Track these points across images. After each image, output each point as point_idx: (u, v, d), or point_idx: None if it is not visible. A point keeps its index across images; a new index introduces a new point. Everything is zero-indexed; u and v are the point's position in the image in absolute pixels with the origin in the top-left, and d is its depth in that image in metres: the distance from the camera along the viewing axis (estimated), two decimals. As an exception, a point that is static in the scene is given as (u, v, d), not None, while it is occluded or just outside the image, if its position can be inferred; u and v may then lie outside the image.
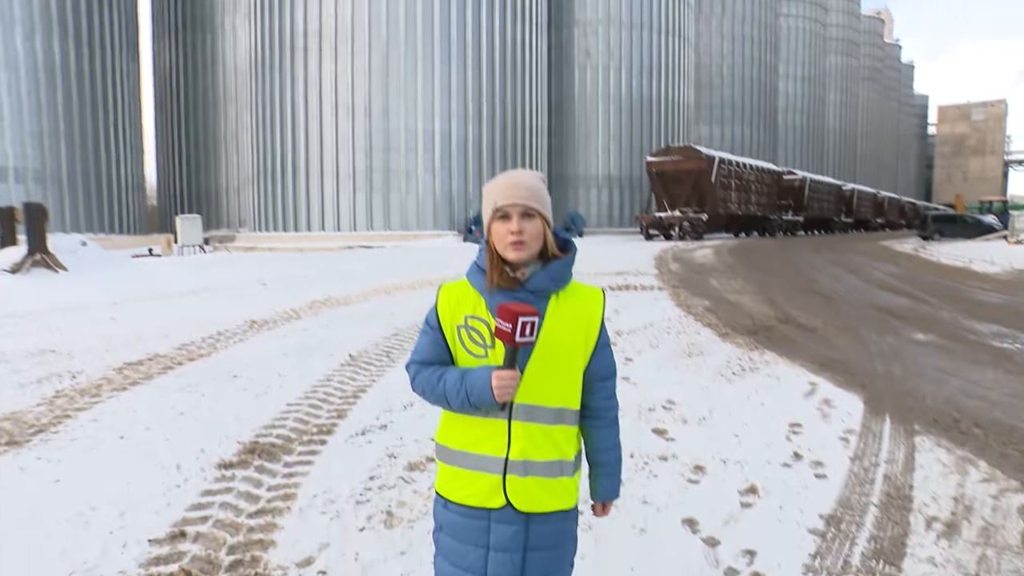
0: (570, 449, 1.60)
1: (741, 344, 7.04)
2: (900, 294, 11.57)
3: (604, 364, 1.64)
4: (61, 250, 10.64)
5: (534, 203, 1.52)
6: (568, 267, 1.58)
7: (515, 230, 1.49)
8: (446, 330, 1.57)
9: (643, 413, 4.67)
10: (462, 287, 1.60)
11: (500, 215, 1.52)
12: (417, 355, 1.62)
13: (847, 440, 4.08)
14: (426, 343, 1.60)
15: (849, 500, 3.19)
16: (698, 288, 11.85)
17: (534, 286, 1.53)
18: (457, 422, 1.58)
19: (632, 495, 3.30)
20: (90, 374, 5.69)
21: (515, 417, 1.52)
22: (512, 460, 1.52)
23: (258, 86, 31.89)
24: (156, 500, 3.28)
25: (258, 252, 25.46)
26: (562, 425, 1.57)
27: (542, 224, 1.53)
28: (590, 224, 39.12)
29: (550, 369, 1.53)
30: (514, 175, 1.55)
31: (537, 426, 1.53)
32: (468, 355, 1.56)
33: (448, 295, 1.59)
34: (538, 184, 1.55)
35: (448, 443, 1.60)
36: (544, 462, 1.54)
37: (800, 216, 42.43)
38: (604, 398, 1.65)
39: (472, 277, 1.58)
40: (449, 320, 1.57)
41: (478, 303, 1.55)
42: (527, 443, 1.52)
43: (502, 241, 1.52)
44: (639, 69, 41.27)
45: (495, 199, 1.52)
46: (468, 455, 1.56)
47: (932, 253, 23.31)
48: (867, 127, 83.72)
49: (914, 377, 5.69)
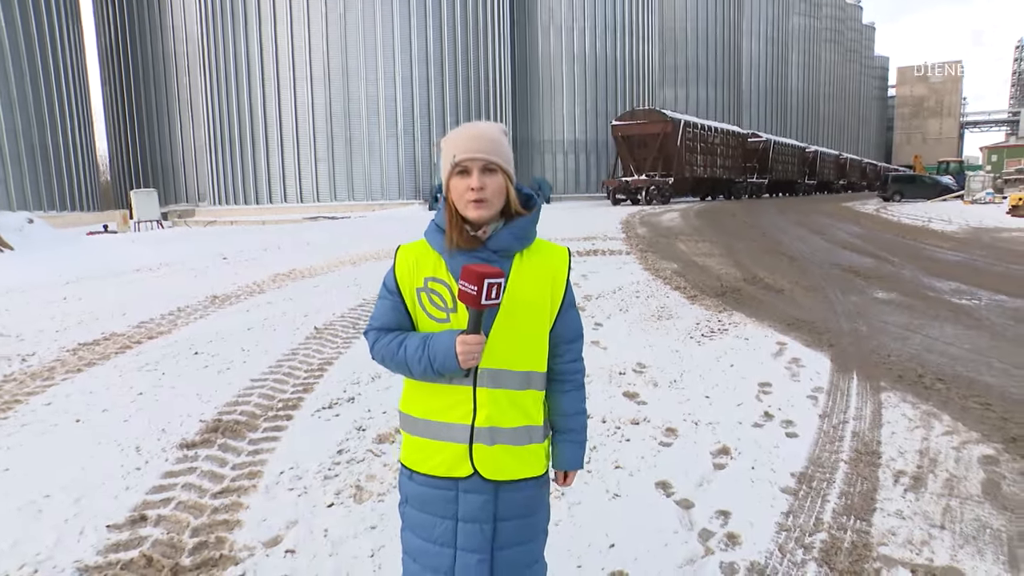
0: (538, 414, 1.54)
1: (709, 306, 7.08)
2: (863, 254, 11.78)
3: (570, 325, 1.57)
4: (6, 228, 10.15)
5: (496, 157, 1.42)
6: (532, 224, 1.50)
7: (476, 186, 1.40)
8: (405, 294, 1.49)
9: (614, 377, 4.65)
10: (420, 248, 1.51)
11: (459, 170, 1.42)
12: (376, 321, 1.53)
13: (816, 398, 4.13)
14: (385, 308, 1.52)
15: (820, 458, 3.21)
16: (666, 252, 11.89)
17: (496, 245, 1.45)
18: (420, 390, 1.50)
19: (605, 459, 3.28)
20: (42, 356, 5.46)
21: (480, 383, 1.45)
22: (478, 428, 1.45)
23: (209, 52, 30.66)
24: (114, 484, 3.15)
25: (219, 226, 24.78)
26: (530, 390, 1.50)
27: (504, 179, 1.44)
28: (556, 190, 38.97)
29: (516, 332, 1.46)
30: (474, 126, 1.45)
31: (503, 391, 1.46)
32: (429, 319, 1.48)
33: (406, 256, 1.50)
34: (500, 136, 1.45)
35: (412, 412, 1.52)
36: (512, 428, 1.48)
37: (765, 179, 42.87)
38: (570, 360, 1.58)
39: (431, 237, 1.49)
40: (408, 283, 1.48)
41: (438, 264, 1.47)
42: (493, 409, 1.45)
43: (461, 198, 1.42)
44: (603, 29, 40.80)
45: (454, 152, 1.42)
46: (432, 424, 1.49)
47: (893, 213, 23.80)
48: (830, 89, 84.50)
49: (879, 334, 5.79)
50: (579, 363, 1.61)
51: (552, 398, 1.60)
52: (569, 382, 1.59)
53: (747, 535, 2.54)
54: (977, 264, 10.41)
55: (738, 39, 57.96)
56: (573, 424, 1.61)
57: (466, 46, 31.18)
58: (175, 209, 33.80)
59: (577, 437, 1.61)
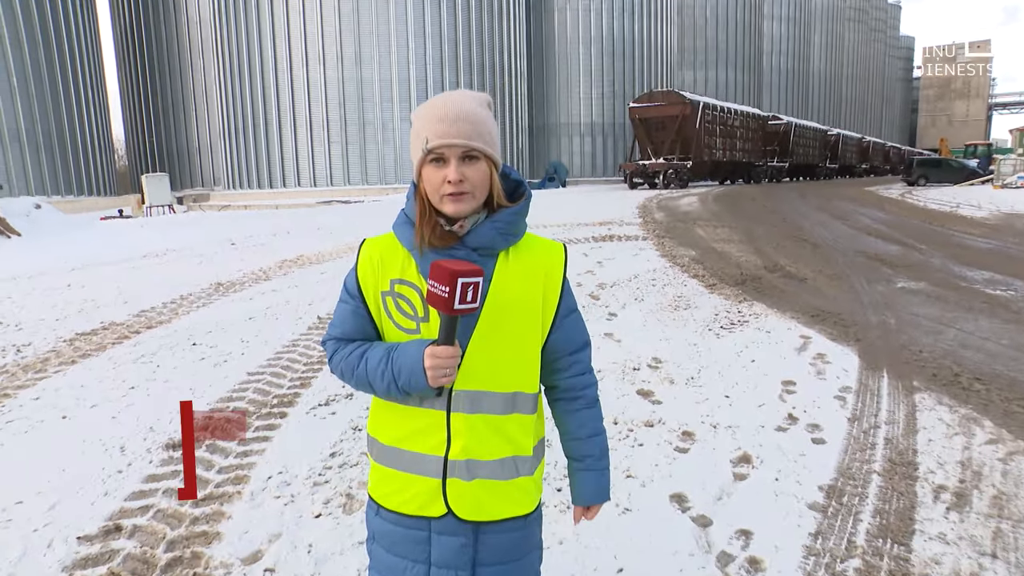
0: (527, 441, 1.29)
1: (729, 296, 6.78)
2: (889, 241, 11.35)
3: (572, 335, 1.32)
4: (13, 214, 10.06)
5: (478, 142, 1.16)
6: (520, 217, 1.24)
7: (453, 178, 1.14)
8: (368, 298, 1.25)
9: (627, 373, 4.40)
10: (387, 243, 1.26)
11: (433, 157, 1.17)
12: (335, 328, 1.30)
13: (844, 399, 3.85)
14: (345, 313, 1.28)
15: (850, 468, 2.94)
16: (684, 237, 11.55)
17: (477, 241, 1.20)
18: (388, 411, 1.27)
19: (615, 467, 3.04)
20: (37, 347, 5.31)
21: (456, 407, 1.21)
22: (453, 460, 1.22)
23: (223, 37, 30.47)
24: (93, 489, 2.97)
25: (232, 210, 24.72)
26: (515, 414, 1.26)
27: (488, 167, 1.18)
28: (573, 173, 38.52)
29: (499, 345, 1.22)
30: (451, 100, 1.18)
31: (483, 417, 1.22)
32: (396, 329, 1.23)
33: (370, 254, 1.25)
34: (483, 113, 1.19)
35: (379, 437, 1.29)
36: (493, 461, 1.24)
37: (785, 162, 41.99)
38: (577, 374, 1.34)
39: (400, 231, 1.24)
40: (371, 285, 1.24)
41: (407, 264, 1.22)
42: (471, 439, 1.22)
43: (437, 191, 1.17)
44: (620, 11, 39.99)
45: (426, 135, 1.16)
46: (401, 453, 1.25)
47: (919, 198, 23.13)
48: (853, 70, 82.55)
49: (909, 328, 5.46)
50: (589, 375, 1.36)
51: (562, 419, 1.36)
52: (579, 399, 1.34)
53: (771, 561, 2.29)
54: (1011, 252, 9.96)
55: (759, 20, 56.65)
56: (590, 449, 1.36)
57: (480, 28, 30.70)
58: (190, 193, 33.87)
59: (597, 463, 1.36)
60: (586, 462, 1.35)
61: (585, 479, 1.36)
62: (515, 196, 1.26)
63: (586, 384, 1.35)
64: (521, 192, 1.27)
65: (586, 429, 1.35)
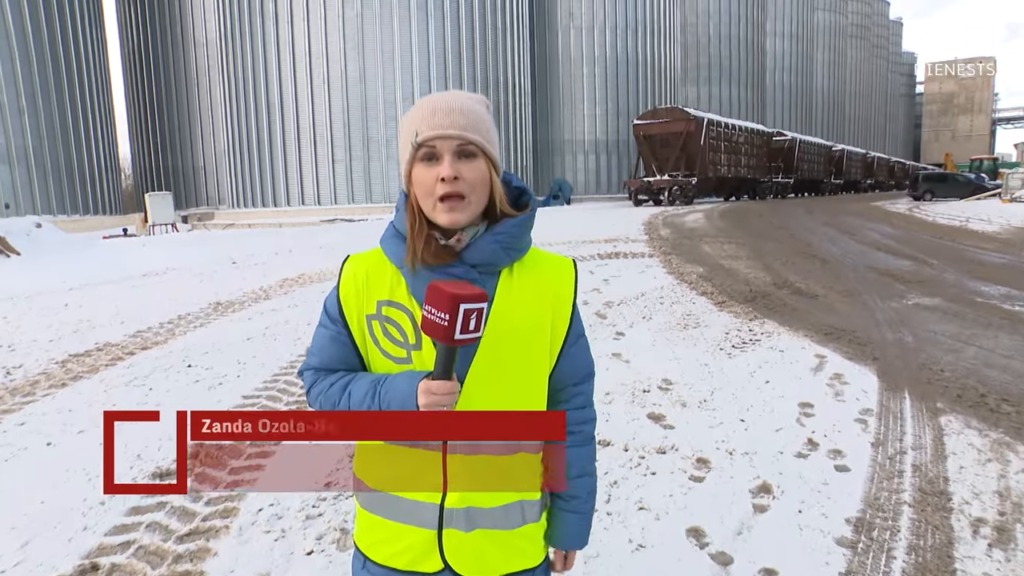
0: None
1: (739, 313, 6.60)
2: (899, 256, 11.17)
3: (579, 362, 1.16)
4: (13, 233, 9.99)
5: (475, 134, 1.01)
6: (525, 229, 1.08)
7: (448, 175, 0.99)
8: (351, 323, 1.09)
9: (637, 395, 4.22)
10: (374, 260, 1.10)
11: (424, 154, 1.02)
12: (313, 357, 1.14)
13: (865, 423, 3.66)
14: (325, 340, 1.12)
15: (878, 499, 2.75)
16: (691, 254, 11.39)
17: (477, 258, 1.04)
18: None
19: (627, 498, 2.86)
20: (28, 369, 5.17)
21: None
22: (450, 509, 1.06)
23: (228, 56, 30.69)
24: (72, 523, 2.80)
25: (236, 229, 24.71)
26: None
27: (487, 167, 1.03)
28: (577, 191, 38.46)
29: (502, 375, 1.06)
30: (445, 94, 1.04)
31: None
32: (384, 358, 1.08)
33: (354, 271, 1.10)
34: (480, 109, 1.05)
35: (366, 479, 1.12)
36: (497, 509, 1.08)
37: (791, 178, 41.91)
38: (578, 407, 1.18)
39: (388, 245, 1.09)
40: (355, 308, 1.09)
41: (396, 283, 1.07)
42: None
43: (428, 195, 1.02)
44: (624, 29, 40.18)
45: (416, 128, 1.02)
46: (391, 499, 1.09)
47: (927, 213, 22.95)
48: (856, 86, 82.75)
49: (927, 346, 5.27)
50: (589, 409, 1.20)
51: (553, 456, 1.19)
52: (576, 434, 1.18)
53: (801, 605, 2.10)
54: (1025, 267, 9.77)
55: (762, 37, 56.90)
56: (577, 489, 1.19)
57: (484, 47, 30.84)
58: (195, 212, 33.95)
59: (582, 506, 1.20)
60: (572, 503, 1.19)
61: (568, 521, 1.19)
62: (518, 207, 1.11)
63: (586, 419, 1.19)
64: (524, 202, 1.11)
65: (578, 468, 1.18)
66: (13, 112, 26.47)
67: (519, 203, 1.11)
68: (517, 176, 1.11)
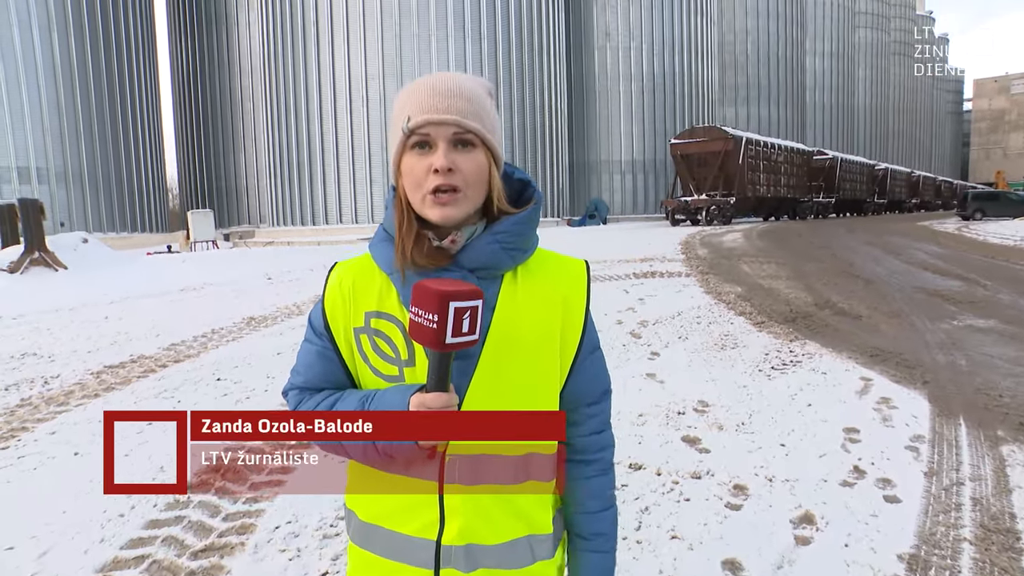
0: (544, 515, 1.00)
1: (779, 334, 6.36)
2: (949, 276, 10.71)
3: (594, 379, 1.03)
4: (61, 248, 10.31)
5: (474, 121, 0.90)
6: (529, 226, 0.96)
7: (441, 165, 0.88)
8: (338, 337, 0.99)
9: (671, 417, 4.05)
10: (362, 267, 1.00)
11: (416, 141, 0.91)
12: (297, 376, 1.04)
13: (916, 450, 3.42)
14: (310, 357, 1.03)
15: (934, 534, 2.54)
16: (728, 274, 11.12)
17: (475, 260, 0.93)
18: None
19: (659, 526, 2.70)
20: (65, 379, 5.24)
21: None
22: (448, 546, 0.94)
23: (271, 79, 31.60)
24: (90, 534, 2.77)
25: (275, 246, 25.19)
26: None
27: (487, 158, 0.92)
28: (614, 211, 38.30)
29: (507, 392, 0.94)
30: (443, 75, 0.93)
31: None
32: (374, 376, 0.97)
33: (340, 280, 0.99)
34: (482, 94, 0.94)
35: (358, 511, 1.02)
36: (502, 545, 0.96)
37: (831, 198, 41.01)
38: (595, 431, 1.04)
39: (377, 250, 0.98)
40: (342, 321, 0.98)
41: (386, 292, 0.96)
42: (472, 518, 0.94)
43: (419, 186, 0.91)
44: (661, 48, 40.11)
45: (408, 112, 0.91)
46: (382, 534, 0.98)
47: (977, 232, 22.12)
48: (899, 104, 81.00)
49: (983, 370, 4.97)
50: (607, 433, 1.06)
51: (568, 488, 1.05)
52: (594, 463, 1.04)
53: (849, 650, 1.92)
54: (1087, 288, 9.24)
55: (801, 56, 56.17)
56: (601, 526, 1.05)
57: (521, 65, 31.11)
58: (237, 230, 34.80)
59: (606, 544, 1.06)
60: (595, 541, 1.05)
61: (592, 562, 1.06)
62: (521, 201, 0.99)
63: (603, 444, 1.06)
64: (529, 196, 0.99)
65: (599, 501, 1.05)
66: (71, 137, 27.70)
67: (523, 198, 0.99)
68: (521, 168, 1.00)
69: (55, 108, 27.44)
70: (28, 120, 26.81)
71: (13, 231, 11.03)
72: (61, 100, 27.58)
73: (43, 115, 27.15)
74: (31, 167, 26.95)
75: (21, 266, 9.59)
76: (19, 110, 26.49)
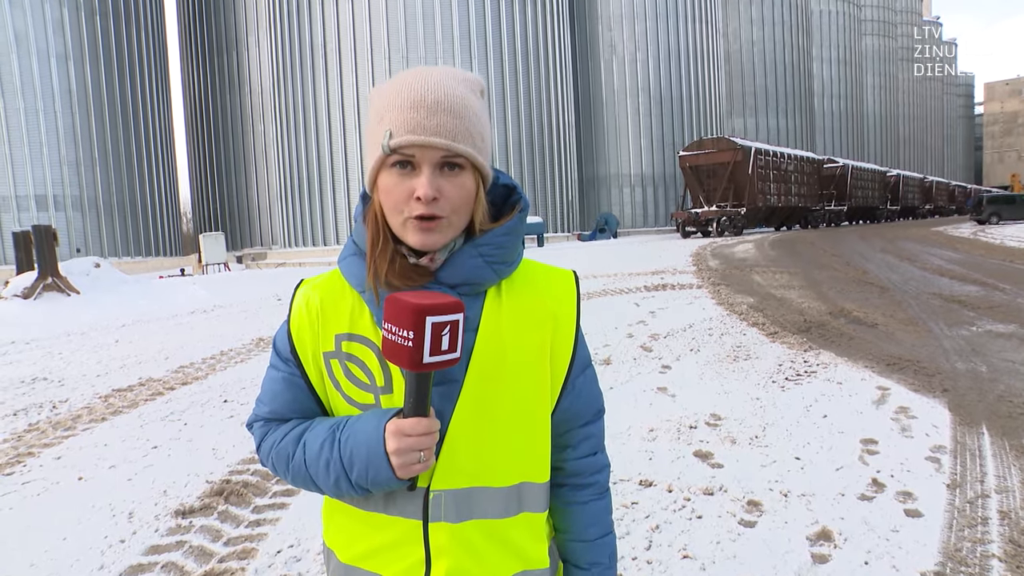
0: (539, 548, 0.93)
1: (793, 344, 6.24)
2: (966, 281, 10.52)
3: (586, 399, 0.96)
4: (74, 273, 10.40)
5: (465, 144, 0.81)
6: (514, 237, 0.88)
7: (426, 195, 0.79)
8: (306, 362, 0.90)
9: (683, 432, 3.95)
10: (331, 285, 0.91)
11: (397, 160, 0.81)
12: (262, 406, 0.94)
13: (938, 461, 3.30)
14: (276, 385, 0.92)
15: (959, 551, 2.43)
16: (740, 284, 11.00)
17: (456, 276, 0.85)
18: (344, 515, 0.92)
19: (671, 545, 2.61)
20: (73, 403, 5.23)
21: (435, 515, 0.85)
22: None
23: (281, 102, 32.03)
24: (89, 563, 2.72)
25: (288, 268, 25.34)
26: (523, 513, 0.90)
27: (475, 182, 0.84)
28: (624, 224, 38.26)
29: (494, 417, 0.86)
30: (432, 80, 0.82)
31: (477, 525, 0.86)
32: (347, 404, 0.88)
33: (306, 300, 0.91)
34: (473, 103, 0.84)
35: (336, 550, 0.93)
36: None
37: (843, 206, 40.75)
38: (588, 454, 0.97)
39: (347, 266, 0.90)
40: (310, 344, 0.89)
41: (358, 312, 0.87)
42: (460, 558, 0.86)
43: (398, 210, 0.82)
44: (667, 61, 40.26)
45: (390, 126, 0.81)
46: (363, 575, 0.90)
47: (993, 236, 21.81)
48: (909, 110, 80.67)
49: (1005, 376, 4.83)
50: (602, 455, 0.99)
51: (563, 514, 0.98)
52: (589, 487, 0.97)
53: (871, 676, 1.82)
54: (1109, 291, 9.03)
55: (808, 64, 56.15)
56: (599, 554, 0.98)
57: (528, 80, 31.31)
58: (249, 252, 35.08)
59: (605, 573, 0.98)
60: (593, 571, 0.98)
61: None
62: (506, 208, 0.92)
63: (598, 467, 0.98)
64: (514, 203, 0.92)
65: (596, 528, 0.97)
66: (87, 165, 28.20)
67: (507, 204, 0.92)
68: (506, 173, 0.92)
69: (71, 137, 27.93)
70: (45, 149, 27.29)
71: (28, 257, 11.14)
72: (77, 129, 28.09)
73: (60, 144, 27.63)
74: (48, 195, 27.40)
75: (35, 291, 9.67)
76: (37, 140, 27.00)
